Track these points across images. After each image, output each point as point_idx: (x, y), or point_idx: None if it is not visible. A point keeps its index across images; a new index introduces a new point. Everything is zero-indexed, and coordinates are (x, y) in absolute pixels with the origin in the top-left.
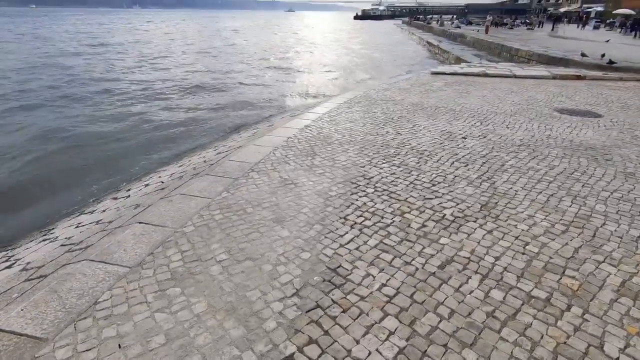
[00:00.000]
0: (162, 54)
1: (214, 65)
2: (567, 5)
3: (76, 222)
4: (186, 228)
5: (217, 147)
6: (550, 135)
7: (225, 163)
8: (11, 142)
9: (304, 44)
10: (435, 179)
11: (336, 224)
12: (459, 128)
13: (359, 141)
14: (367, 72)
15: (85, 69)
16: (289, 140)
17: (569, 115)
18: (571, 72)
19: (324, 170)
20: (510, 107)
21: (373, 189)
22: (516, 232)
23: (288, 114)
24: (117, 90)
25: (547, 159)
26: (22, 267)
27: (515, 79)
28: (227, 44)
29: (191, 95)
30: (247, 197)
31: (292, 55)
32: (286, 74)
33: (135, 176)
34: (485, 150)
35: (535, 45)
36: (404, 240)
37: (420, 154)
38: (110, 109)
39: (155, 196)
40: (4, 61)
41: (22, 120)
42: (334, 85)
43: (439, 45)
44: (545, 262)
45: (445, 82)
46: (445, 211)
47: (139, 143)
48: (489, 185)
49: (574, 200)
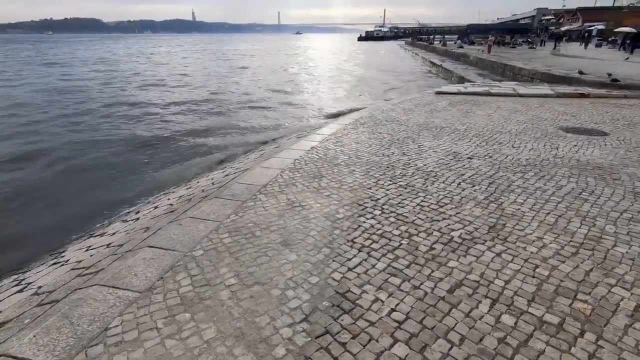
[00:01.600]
0: (173, 77)
1: (224, 87)
2: (568, 24)
3: (86, 245)
4: (195, 252)
5: (225, 169)
6: (557, 155)
7: (233, 185)
8: (20, 163)
9: (312, 65)
10: (442, 200)
11: (344, 247)
12: (464, 148)
13: (365, 162)
14: (372, 92)
15: (95, 92)
16: (295, 162)
17: (574, 134)
18: (575, 90)
19: (331, 192)
20: (515, 126)
21: (380, 211)
22: (525, 254)
23: (294, 135)
24: (127, 112)
25: (554, 179)
26: (34, 292)
27: (519, 98)
28: (238, 66)
29: (198, 117)
30: (255, 220)
31: (299, 76)
32: (293, 94)
33: (144, 198)
34: (492, 171)
35: (538, 64)
36: (412, 264)
37: (427, 175)
38: (119, 130)
39: (165, 219)
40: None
41: (31, 141)
42: (340, 105)
43: (442, 65)
44: (556, 286)
45: (449, 102)
46: (453, 233)
47: (148, 164)
48: (497, 207)
49: (583, 221)
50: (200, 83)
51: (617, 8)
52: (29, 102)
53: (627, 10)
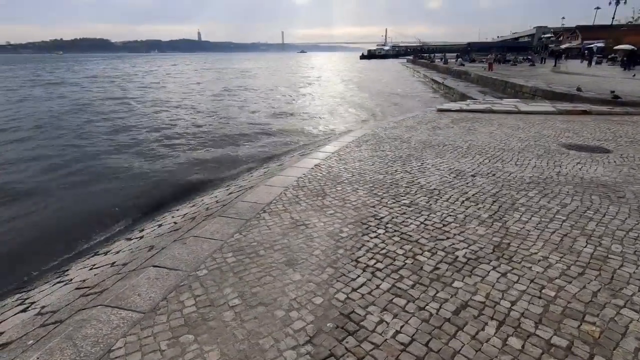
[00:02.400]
0: (180, 95)
1: (228, 105)
2: (568, 42)
3: (91, 263)
4: (199, 272)
5: (229, 187)
6: (560, 172)
7: (237, 204)
8: (25, 180)
9: (316, 82)
10: (445, 218)
11: (348, 267)
12: (467, 166)
13: (368, 180)
14: (375, 109)
15: (104, 109)
16: (299, 180)
17: (577, 151)
18: (577, 107)
19: (335, 210)
20: (517, 143)
21: (384, 230)
22: (531, 274)
23: (298, 152)
24: (132, 132)
25: (558, 197)
26: (37, 312)
27: (521, 115)
28: (245, 84)
29: (203, 134)
30: (259, 239)
31: (303, 92)
32: (297, 111)
33: (148, 215)
34: (495, 189)
35: (539, 81)
36: (417, 284)
37: (430, 193)
38: (123, 148)
39: (169, 238)
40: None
41: (37, 156)
42: (343, 122)
43: (444, 83)
44: (564, 307)
45: (451, 119)
46: (458, 253)
47: (152, 181)
48: (501, 225)
49: (589, 240)
50: (203, 102)
51: (615, 26)
52: (28, 123)
53: (625, 29)
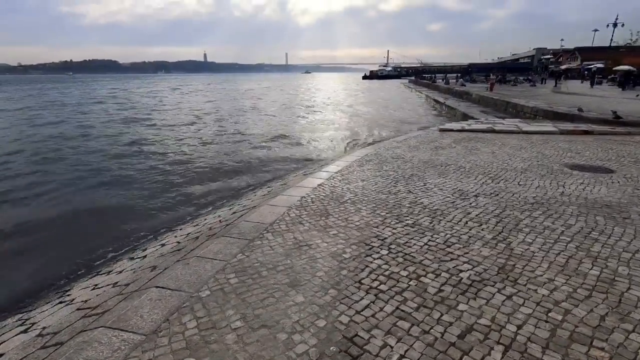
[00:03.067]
0: (188, 116)
1: (233, 125)
2: (568, 63)
3: (93, 283)
4: (202, 292)
5: (233, 207)
6: (564, 193)
7: (240, 224)
8: (27, 199)
9: (320, 101)
10: (449, 239)
11: (351, 289)
12: (470, 186)
13: (371, 200)
14: (377, 129)
15: (108, 130)
16: (302, 200)
17: (580, 171)
18: (578, 127)
19: (338, 231)
20: (520, 163)
21: (387, 251)
22: (537, 297)
23: (301, 172)
24: (137, 149)
25: (563, 218)
26: (38, 333)
27: (522, 135)
28: (252, 105)
29: (208, 153)
30: (262, 259)
31: (307, 111)
32: (300, 130)
33: (151, 235)
34: (498, 209)
35: (540, 101)
36: (421, 307)
37: (433, 213)
38: (128, 167)
39: (172, 258)
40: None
41: (40, 173)
42: (346, 142)
43: (445, 103)
44: (571, 332)
45: (453, 139)
46: (462, 274)
47: (155, 200)
48: (505, 246)
49: (595, 262)
50: (208, 122)
51: (614, 48)
52: (26, 143)
53: (624, 50)
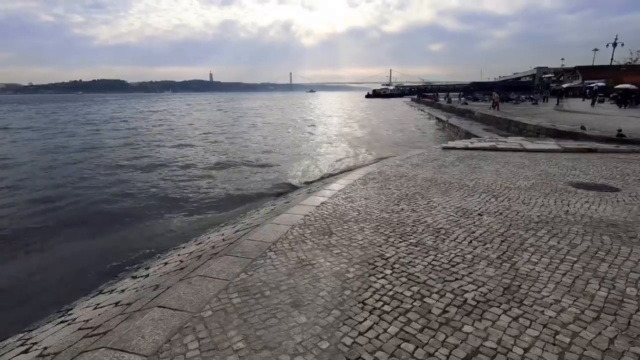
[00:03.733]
0: (194, 135)
1: (236, 144)
2: (569, 81)
3: (95, 302)
4: (204, 313)
5: (236, 225)
6: (569, 211)
7: (243, 242)
8: (29, 216)
9: (323, 120)
10: (453, 259)
11: (355, 309)
12: (474, 204)
13: (374, 219)
14: (381, 147)
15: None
16: (305, 218)
17: (585, 190)
18: (582, 145)
19: (341, 250)
20: (524, 181)
21: (391, 270)
22: (543, 319)
23: (305, 190)
24: (139, 167)
25: (568, 237)
26: (39, 353)
27: (526, 153)
28: (258, 122)
29: (211, 172)
30: (265, 279)
31: (311, 130)
32: (304, 149)
33: (154, 253)
34: (503, 228)
35: (543, 120)
36: (425, 328)
37: (437, 232)
38: (131, 184)
39: (175, 277)
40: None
41: (43, 189)
42: (349, 160)
43: (448, 121)
44: (580, 355)
45: (456, 157)
46: (467, 295)
47: (159, 218)
48: (510, 266)
49: (602, 282)
50: (212, 140)
51: (615, 66)
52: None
53: (625, 69)
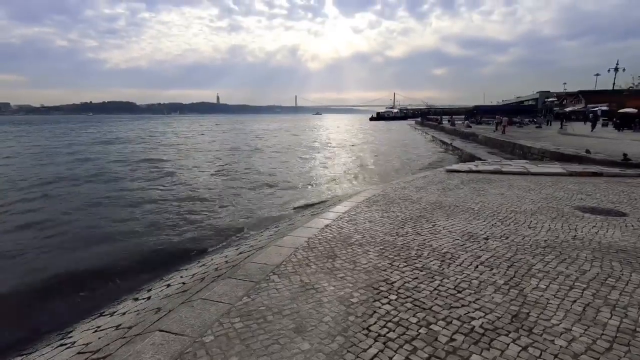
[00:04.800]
0: (198, 156)
1: (241, 165)
2: (572, 105)
3: (95, 325)
4: (205, 337)
5: (239, 246)
6: (576, 236)
7: (246, 265)
8: (30, 237)
9: (329, 142)
10: (460, 284)
11: (359, 336)
12: (479, 228)
13: (379, 242)
14: (384, 169)
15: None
16: (309, 241)
17: (592, 214)
18: (587, 169)
19: (345, 274)
20: (529, 205)
21: (396, 296)
22: (554, 348)
23: (309, 211)
24: (145, 187)
25: (577, 263)
26: None
27: (530, 176)
28: (265, 144)
29: (217, 192)
30: (268, 303)
31: (316, 152)
32: (308, 170)
33: (156, 274)
34: (510, 253)
35: (547, 143)
36: (432, 357)
37: (442, 257)
38: (133, 206)
39: (177, 299)
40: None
41: (39, 209)
42: (353, 182)
43: (452, 144)
44: None
45: (461, 180)
46: (474, 322)
47: (161, 239)
48: (518, 293)
49: (614, 311)
50: (219, 163)
51: (617, 91)
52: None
53: (627, 93)
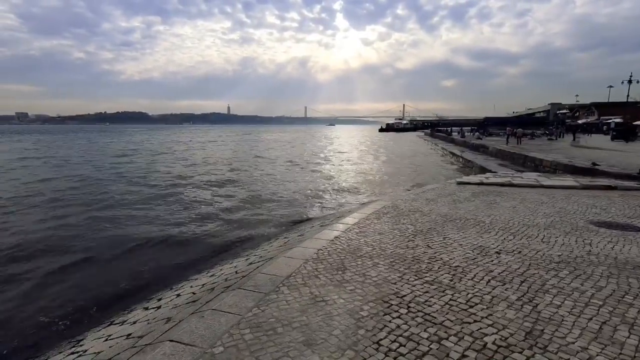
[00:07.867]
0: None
1: (252, 176)
2: (585, 117)
3: (106, 334)
4: (215, 349)
5: (249, 257)
6: (591, 252)
7: (256, 276)
8: (43, 242)
9: (338, 152)
10: (471, 299)
11: (369, 350)
12: (491, 242)
13: (389, 255)
14: (394, 180)
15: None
16: (319, 252)
17: (607, 229)
18: (601, 182)
19: (355, 286)
20: (542, 219)
21: (406, 310)
22: None
23: (318, 223)
24: (155, 198)
25: (592, 279)
26: None
27: (543, 189)
28: (277, 155)
29: (225, 203)
30: (277, 314)
31: (327, 163)
32: (318, 182)
33: (166, 284)
34: (522, 268)
35: (559, 155)
36: None
37: (454, 270)
38: (143, 214)
39: (187, 310)
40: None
41: (57, 219)
42: (363, 194)
43: (462, 155)
44: None
45: (472, 193)
46: (487, 339)
47: (171, 248)
48: (532, 309)
49: (632, 329)
50: (228, 173)
51: (631, 103)
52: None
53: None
